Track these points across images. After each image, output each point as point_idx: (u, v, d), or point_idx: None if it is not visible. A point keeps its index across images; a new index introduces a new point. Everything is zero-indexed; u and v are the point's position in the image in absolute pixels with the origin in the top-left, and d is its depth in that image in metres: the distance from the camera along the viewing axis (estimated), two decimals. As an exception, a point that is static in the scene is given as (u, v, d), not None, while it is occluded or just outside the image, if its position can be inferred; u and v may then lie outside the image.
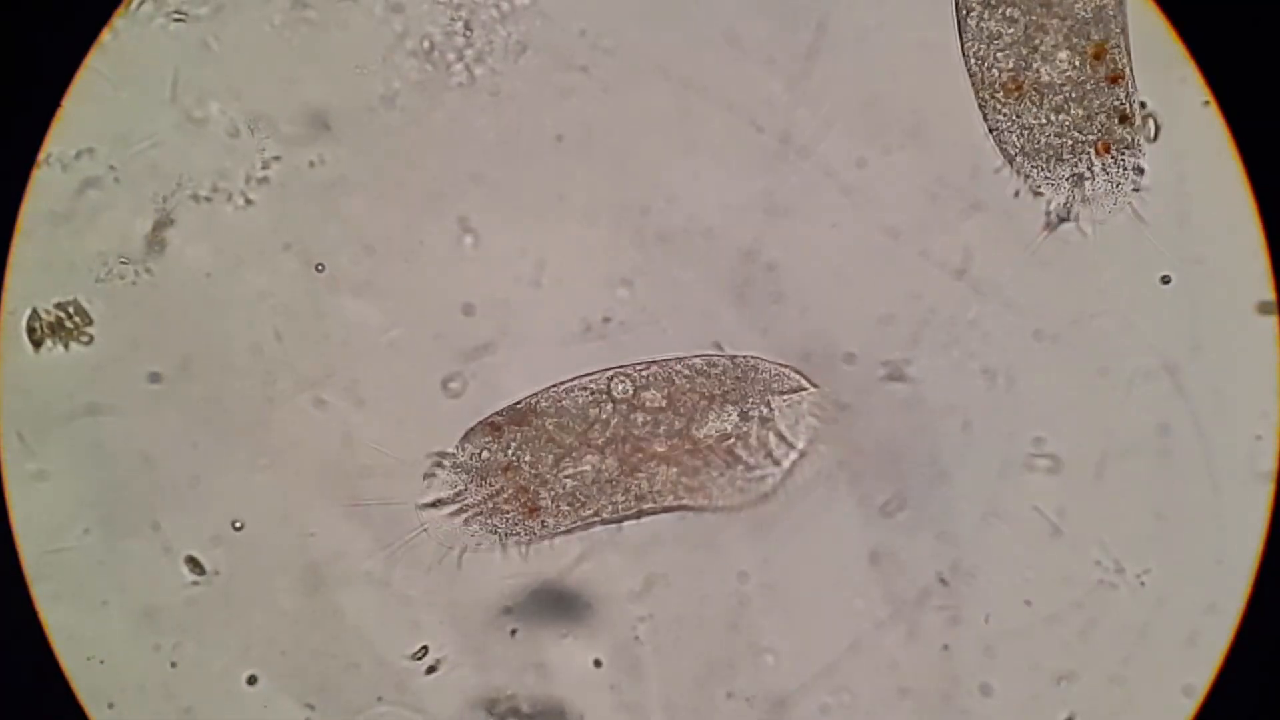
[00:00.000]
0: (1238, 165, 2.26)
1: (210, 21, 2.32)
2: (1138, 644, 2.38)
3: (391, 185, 2.37)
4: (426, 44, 2.28)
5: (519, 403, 2.32)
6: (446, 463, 2.32)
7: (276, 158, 2.32)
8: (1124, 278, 2.36)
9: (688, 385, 2.30)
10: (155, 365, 2.37)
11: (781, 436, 2.31)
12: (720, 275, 2.39)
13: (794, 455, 2.31)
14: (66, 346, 2.24)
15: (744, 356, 2.33)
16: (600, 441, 2.30)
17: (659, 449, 2.29)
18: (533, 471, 2.31)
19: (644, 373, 2.32)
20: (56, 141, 2.30)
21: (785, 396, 2.31)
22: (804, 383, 2.31)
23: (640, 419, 2.30)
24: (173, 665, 2.36)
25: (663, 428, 2.30)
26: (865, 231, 2.38)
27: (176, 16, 2.23)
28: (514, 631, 2.36)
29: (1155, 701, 2.37)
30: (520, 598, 2.31)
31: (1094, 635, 2.38)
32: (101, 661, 2.35)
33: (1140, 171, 2.25)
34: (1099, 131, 2.25)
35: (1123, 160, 2.26)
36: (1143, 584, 2.35)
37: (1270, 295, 2.31)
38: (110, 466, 2.37)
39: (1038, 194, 2.28)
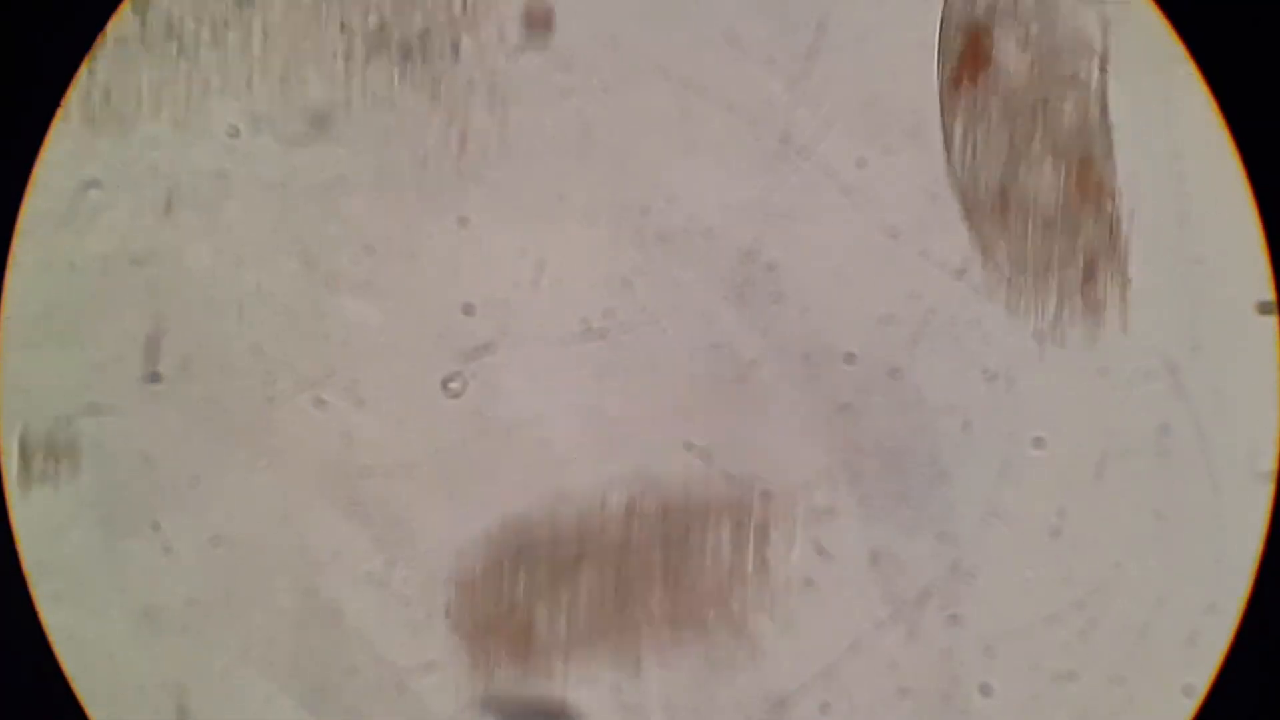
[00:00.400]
0: (1238, 165, 2.26)
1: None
2: (1138, 644, 2.38)
3: (391, 185, 2.37)
4: None
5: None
6: None
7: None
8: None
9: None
10: (155, 365, 2.37)
11: None
12: (720, 275, 2.39)
13: None
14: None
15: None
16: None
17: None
18: None
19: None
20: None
21: None
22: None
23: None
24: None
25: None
26: (865, 231, 2.38)
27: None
28: None
29: (1155, 701, 2.37)
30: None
31: (1094, 635, 2.38)
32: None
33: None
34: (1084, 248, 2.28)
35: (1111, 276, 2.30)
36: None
37: (1270, 295, 2.31)
38: (110, 466, 2.37)
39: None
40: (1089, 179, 2.24)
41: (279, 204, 2.36)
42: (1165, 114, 2.33)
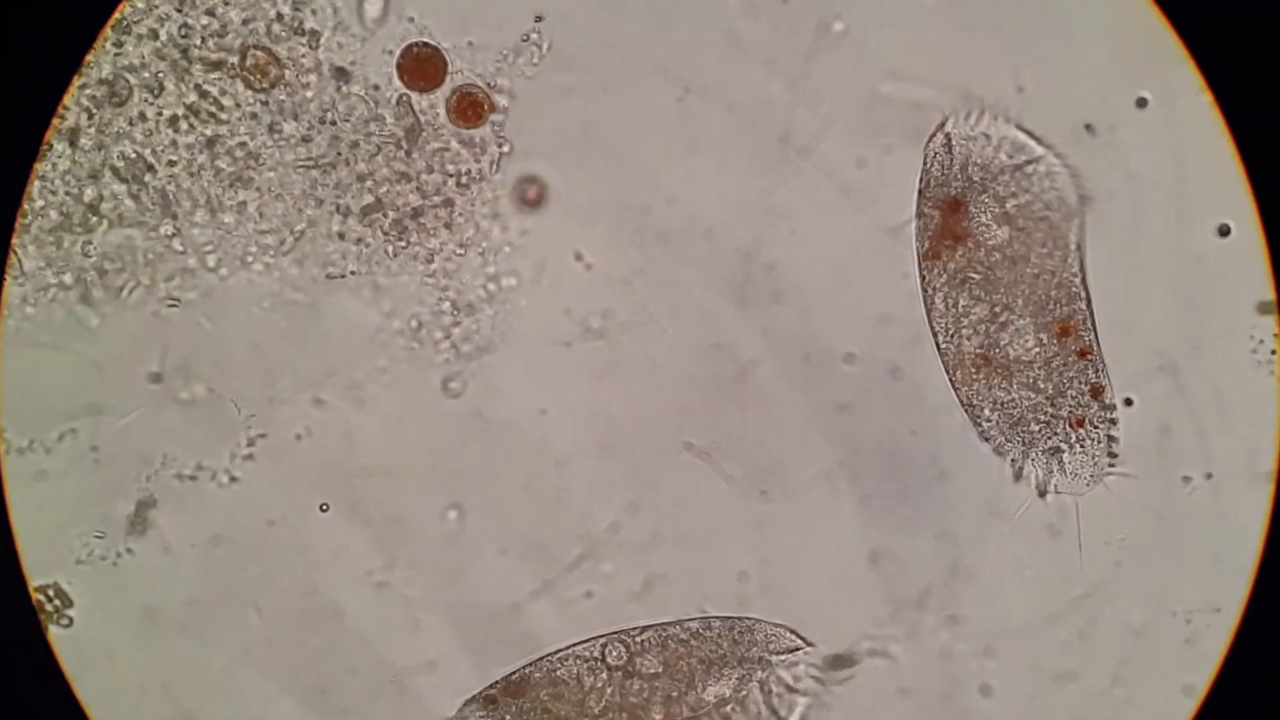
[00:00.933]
0: (1238, 165, 2.26)
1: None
2: (1138, 644, 2.38)
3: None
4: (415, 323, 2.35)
5: (513, 673, 2.32)
6: None
7: (263, 435, 2.35)
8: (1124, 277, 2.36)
9: (684, 650, 2.30)
10: (155, 365, 2.37)
11: (781, 696, 2.33)
12: (720, 275, 2.39)
13: (797, 713, 2.33)
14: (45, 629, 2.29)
15: (739, 618, 2.33)
16: (597, 710, 2.30)
17: (657, 717, 2.30)
18: None
19: (639, 638, 2.32)
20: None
21: (782, 656, 2.31)
22: (800, 642, 2.32)
23: (637, 686, 2.30)
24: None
25: (660, 694, 2.31)
26: (865, 231, 2.38)
27: (170, 303, 2.31)
28: None
29: (1155, 701, 2.37)
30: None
31: (1094, 635, 2.38)
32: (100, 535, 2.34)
33: (1114, 441, 2.33)
34: (1071, 406, 2.31)
35: (1096, 432, 2.33)
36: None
37: (1270, 295, 2.31)
38: (110, 466, 2.37)
39: (1018, 473, 2.34)
40: (1068, 340, 2.30)
41: (279, 204, 2.36)
42: (1165, 114, 2.33)
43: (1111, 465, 2.33)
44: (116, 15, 2.29)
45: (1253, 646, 2.27)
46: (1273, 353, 2.32)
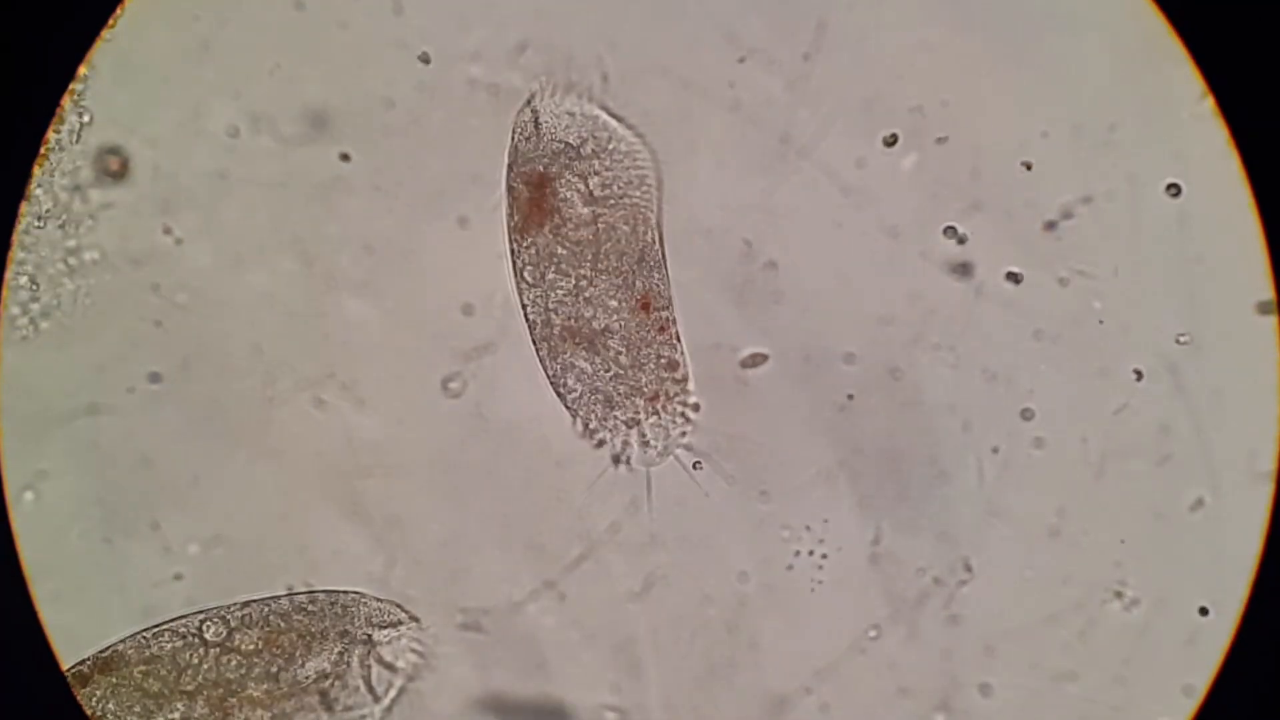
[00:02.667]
0: (1238, 165, 2.26)
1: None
2: (1138, 644, 2.38)
3: (391, 185, 2.37)
4: None
5: (105, 650, 2.30)
6: None
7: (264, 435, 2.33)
8: (1124, 278, 2.37)
9: (285, 624, 2.29)
10: (155, 365, 2.37)
11: (382, 671, 2.32)
12: (720, 275, 2.39)
13: (395, 689, 2.32)
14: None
15: (344, 592, 2.33)
16: (191, 687, 2.28)
17: (255, 694, 2.29)
18: None
19: (239, 613, 2.31)
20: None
21: (386, 631, 2.31)
22: (404, 616, 2.32)
23: (234, 662, 2.29)
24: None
25: (258, 670, 2.29)
26: (865, 231, 2.38)
27: None
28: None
29: (1155, 701, 2.37)
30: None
31: (1094, 635, 2.38)
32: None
33: (696, 409, 2.35)
34: (650, 380, 2.34)
35: (672, 405, 2.35)
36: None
37: (1270, 295, 2.31)
38: (110, 466, 2.37)
39: (600, 442, 2.35)
40: (648, 314, 2.33)
41: (279, 204, 2.36)
42: (1165, 114, 2.33)
43: (684, 438, 2.35)
44: (117, 13, 2.29)
45: (1253, 646, 2.27)
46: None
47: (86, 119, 2.26)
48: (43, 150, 2.24)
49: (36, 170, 2.22)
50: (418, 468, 2.40)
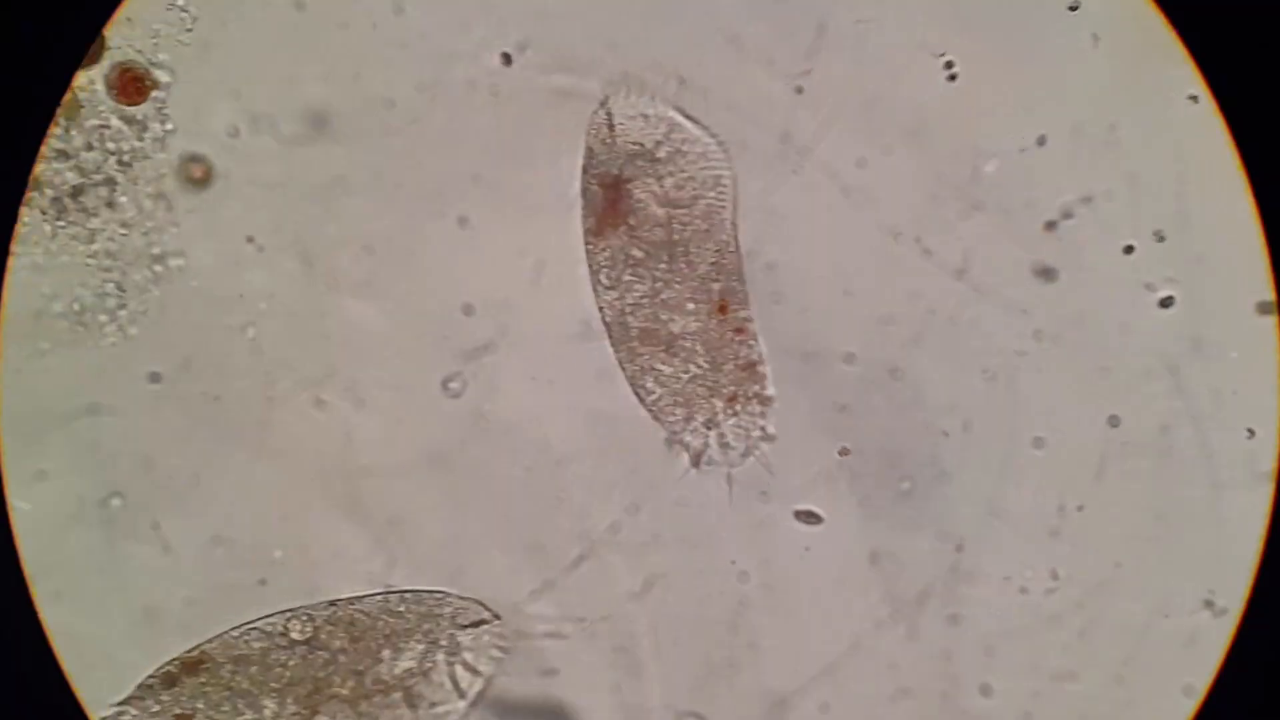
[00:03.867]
0: (1238, 165, 2.26)
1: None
2: (1138, 644, 2.38)
3: (391, 185, 2.37)
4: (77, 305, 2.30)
5: (192, 650, 2.31)
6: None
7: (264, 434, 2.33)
8: (1123, 277, 2.37)
9: (370, 623, 2.30)
10: (155, 365, 2.37)
11: (466, 669, 2.32)
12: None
13: (479, 687, 2.34)
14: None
15: (428, 591, 2.34)
16: (279, 686, 2.30)
17: (341, 692, 2.29)
18: None
19: (324, 612, 2.32)
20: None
21: (469, 630, 2.32)
22: (486, 615, 2.33)
23: (321, 661, 2.30)
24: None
25: (345, 669, 2.31)
26: (865, 231, 2.38)
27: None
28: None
29: (1155, 701, 2.37)
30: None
31: (1094, 635, 2.38)
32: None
33: (768, 400, 2.35)
34: (729, 381, 2.34)
35: (751, 405, 2.35)
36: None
37: (1270, 295, 2.31)
38: (110, 466, 2.37)
39: (677, 442, 2.35)
40: (725, 317, 2.33)
41: (280, 203, 2.36)
42: (1165, 115, 2.33)
43: (763, 440, 2.35)
44: (118, 14, 2.29)
45: (1253, 646, 2.27)
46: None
47: (170, 126, 2.28)
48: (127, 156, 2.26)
49: (121, 179, 2.24)
50: (418, 468, 2.40)
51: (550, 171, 2.37)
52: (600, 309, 2.35)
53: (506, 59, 2.26)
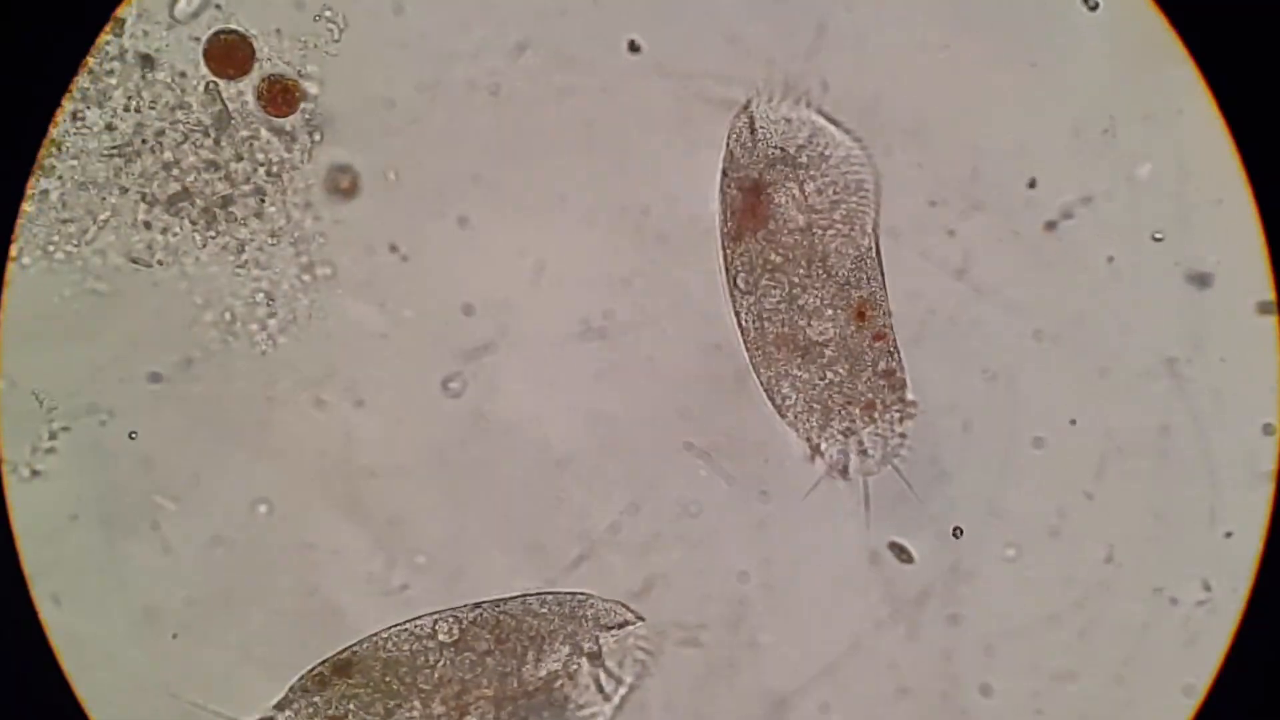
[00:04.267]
0: (1238, 165, 2.26)
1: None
2: (1138, 644, 2.38)
3: (391, 185, 2.37)
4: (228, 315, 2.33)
5: (341, 652, 2.32)
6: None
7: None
8: (1125, 277, 2.37)
9: (514, 625, 2.31)
10: (155, 365, 2.37)
11: (610, 672, 2.32)
12: (720, 275, 2.38)
13: (624, 689, 2.34)
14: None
15: (571, 594, 2.34)
16: (428, 687, 2.31)
17: (488, 693, 2.30)
18: None
19: (470, 614, 2.33)
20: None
21: (613, 632, 2.32)
22: (630, 617, 2.33)
23: (468, 662, 2.31)
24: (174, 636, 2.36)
25: (491, 670, 2.32)
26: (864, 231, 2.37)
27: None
28: None
29: (1155, 701, 2.37)
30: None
31: (1094, 635, 2.38)
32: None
33: (911, 406, 2.34)
34: (866, 388, 2.33)
35: (890, 413, 2.35)
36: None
37: (1270, 295, 2.31)
38: (110, 466, 2.37)
39: (815, 450, 2.35)
40: (865, 323, 2.32)
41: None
42: (1165, 114, 2.33)
43: (901, 447, 2.35)
44: (118, 13, 2.29)
45: (1253, 647, 2.27)
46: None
47: (318, 137, 2.29)
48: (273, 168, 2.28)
49: (270, 189, 2.29)
50: (418, 468, 2.40)
51: (551, 171, 2.37)
52: (736, 313, 2.34)
53: (634, 47, 2.26)
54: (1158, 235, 2.34)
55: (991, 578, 2.39)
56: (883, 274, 2.33)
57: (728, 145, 2.32)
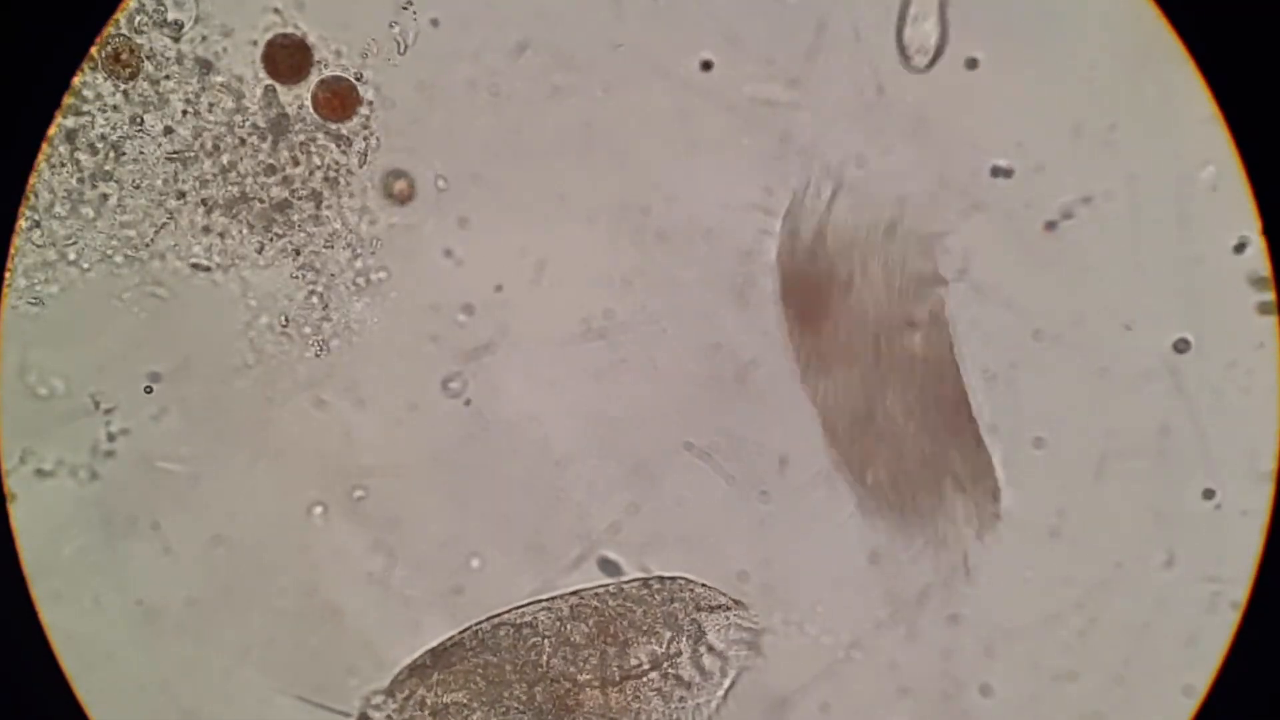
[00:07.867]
0: (1237, 164, 2.26)
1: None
2: (1138, 644, 2.38)
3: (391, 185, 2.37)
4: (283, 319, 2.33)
5: (443, 642, 2.33)
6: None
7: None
8: (1124, 278, 2.37)
9: (616, 612, 2.32)
10: (155, 365, 2.37)
11: (714, 655, 2.33)
12: (720, 275, 2.39)
13: (729, 674, 2.33)
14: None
15: (671, 578, 2.33)
16: (533, 676, 2.31)
17: (590, 680, 2.31)
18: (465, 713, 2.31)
19: (569, 603, 2.33)
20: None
21: (714, 614, 2.32)
22: (729, 601, 2.33)
23: (569, 651, 2.32)
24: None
25: (593, 658, 2.32)
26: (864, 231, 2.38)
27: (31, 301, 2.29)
28: None
29: (1155, 701, 2.37)
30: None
31: (1094, 635, 2.38)
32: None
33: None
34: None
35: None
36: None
37: (1270, 295, 2.31)
38: (112, 464, 2.37)
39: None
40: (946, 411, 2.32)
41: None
42: (1165, 114, 2.33)
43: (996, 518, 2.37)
44: (118, 14, 2.29)
45: (1253, 646, 2.27)
46: None
47: (374, 143, 2.29)
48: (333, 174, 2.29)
49: (326, 193, 2.31)
50: (418, 468, 2.40)
51: (551, 171, 2.37)
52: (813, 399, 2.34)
53: (706, 66, 2.26)
54: (1160, 236, 2.34)
55: (992, 578, 2.39)
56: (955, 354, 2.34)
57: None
